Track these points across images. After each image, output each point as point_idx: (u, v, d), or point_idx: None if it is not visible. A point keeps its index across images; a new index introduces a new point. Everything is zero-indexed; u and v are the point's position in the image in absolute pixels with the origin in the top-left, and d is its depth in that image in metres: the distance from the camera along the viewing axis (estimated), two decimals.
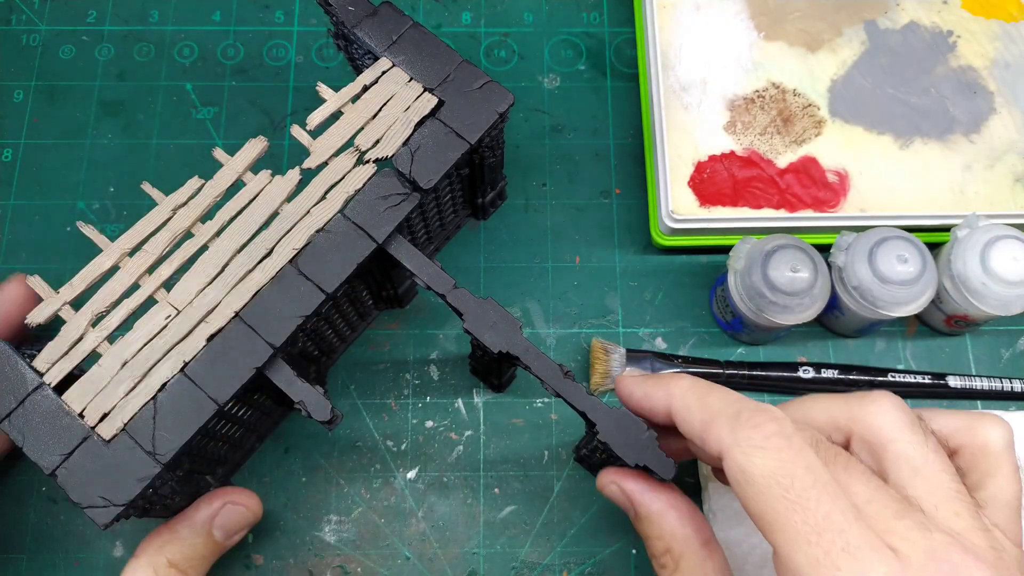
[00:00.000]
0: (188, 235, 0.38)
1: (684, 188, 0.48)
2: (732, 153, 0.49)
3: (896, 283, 0.42)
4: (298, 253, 0.38)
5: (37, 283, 0.37)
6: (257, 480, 0.46)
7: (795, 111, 0.50)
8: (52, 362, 0.36)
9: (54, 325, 0.37)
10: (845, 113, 0.50)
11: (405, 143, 0.40)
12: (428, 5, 0.56)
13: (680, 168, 0.49)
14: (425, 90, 0.41)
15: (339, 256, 0.38)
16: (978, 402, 0.47)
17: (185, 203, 0.39)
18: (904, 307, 0.43)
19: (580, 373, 0.48)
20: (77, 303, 0.37)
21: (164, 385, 0.35)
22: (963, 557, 0.26)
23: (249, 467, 0.46)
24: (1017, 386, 0.46)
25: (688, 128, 0.50)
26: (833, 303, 0.45)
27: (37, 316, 0.37)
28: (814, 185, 0.49)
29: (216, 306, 0.37)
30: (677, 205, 0.48)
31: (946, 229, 0.47)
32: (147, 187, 0.39)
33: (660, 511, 0.34)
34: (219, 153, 0.40)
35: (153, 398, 0.35)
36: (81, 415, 0.35)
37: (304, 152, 0.40)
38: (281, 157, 0.52)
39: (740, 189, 0.48)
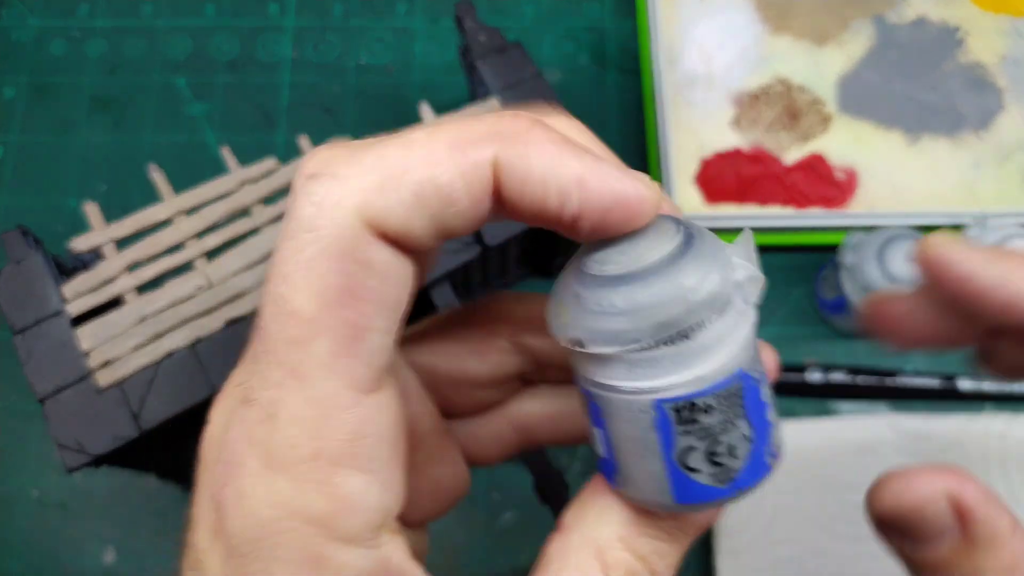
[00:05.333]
0: (246, 213, 0.38)
1: (690, 185, 0.47)
2: (738, 150, 0.48)
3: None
4: None
5: (92, 210, 0.37)
6: None
7: (802, 107, 0.49)
8: (79, 293, 0.35)
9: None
10: (853, 109, 0.49)
11: None
12: None
13: (685, 165, 0.48)
14: None
15: None
16: (987, 404, 0.46)
17: (255, 181, 0.38)
18: None
19: None
20: (122, 244, 0.37)
21: (171, 354, 0.35)
22: None
23: None
24: None
25: (693, 124, 0.49)
26: (842, 303, 0.44)
27: (81, 243, 0.36)
28: (821, 182, 0.48)
29: (246, 293, 0.36)
30: (683, 203, 0.47)
31: (956, 227, 0.46)
32: (226, 152, 0.38)
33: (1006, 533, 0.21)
34: (304, 141, 0.39)
35: (157, 363, 0.35)
36: (87, 354, 0.35)
37: (297, 153, 0.39)
38: (275, 154, 0.51)
39: (746, 186, 0.47)
